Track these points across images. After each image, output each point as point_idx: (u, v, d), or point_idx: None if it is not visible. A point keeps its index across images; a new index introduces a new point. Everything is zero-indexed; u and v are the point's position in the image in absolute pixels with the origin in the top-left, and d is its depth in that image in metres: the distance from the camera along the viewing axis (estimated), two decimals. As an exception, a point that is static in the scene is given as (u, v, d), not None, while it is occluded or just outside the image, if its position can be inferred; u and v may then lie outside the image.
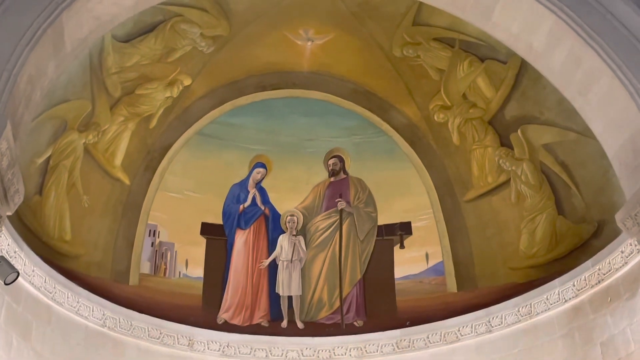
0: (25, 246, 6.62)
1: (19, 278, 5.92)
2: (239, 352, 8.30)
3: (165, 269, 8.59)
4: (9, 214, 5.53)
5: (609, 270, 7.26)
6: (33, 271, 6.78)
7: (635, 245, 6.64)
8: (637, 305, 6.88)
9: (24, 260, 6.55)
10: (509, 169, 8.48)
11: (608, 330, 7.24)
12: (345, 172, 9.29)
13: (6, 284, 5.49)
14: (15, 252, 6.30)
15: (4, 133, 4.91)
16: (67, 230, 7.63)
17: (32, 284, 6.75)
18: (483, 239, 8.74)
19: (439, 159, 9.06)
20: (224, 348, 8.28)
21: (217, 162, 9.18)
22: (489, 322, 8.19)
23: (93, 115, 7.93)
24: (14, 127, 5.25)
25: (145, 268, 8.38)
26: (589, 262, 7.52)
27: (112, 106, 8.14)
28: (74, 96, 7.51)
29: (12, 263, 5.53)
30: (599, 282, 7.39)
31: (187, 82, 8.63)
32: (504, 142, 8.52)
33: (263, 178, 9.19)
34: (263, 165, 9.18)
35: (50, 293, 7.02)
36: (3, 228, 5.82)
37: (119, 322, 7.72)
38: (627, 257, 6.94)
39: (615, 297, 7.22)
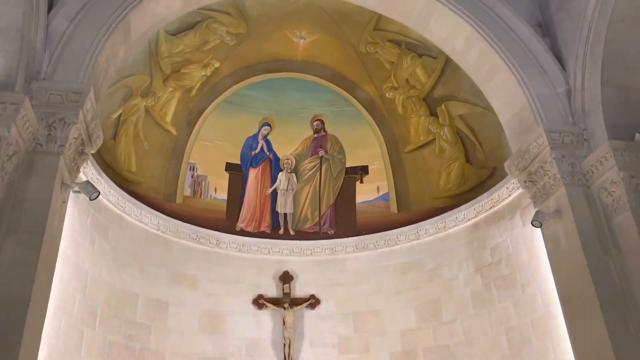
0: (104, 175, 7.01)
1: (100, 196, 6.49)
2: (250, 249, 8.71)
3: (201, 193, 8.91)
4: (92, 152, 6.05)
5: (498, 200, 7.78)
6: (109, 192, 7.20)
7: (516, 184, 7.22)
8: (515, 223, 7.44)
9: (103, 184, 6.94)
10: (435, 131, 8.88)
11: (495, 239, 7.80)
12: (324, 131, 9.61)
13: (91, 200, 5.94)
14: (97, 178, 6.74)
15: (88, 96, 5.37)
16: (133, 165, 7.97)
17: (109, 200, 7.17)
18: (415, 178, 9.15)
19: (388, 123, 9.40)
20: (240, 246, 8.68)
21: (236, 122, 9.41)
22: (417, 232, 8.65)
23: (151, 86, 8.14)
24: (95, 92, 5.71)
25: (187, 192, 8.71)
26: (485, 194, 8.01)
27: (164, 80, 8.33)
28: (137, 72, 7.77)
29: (95, 186, 5.89)
30: (491, 207, 7.90)
31: (217, 65, 8.81)
32: (432, 113, 8.87)
33: (268, 133, 9.48)
34: (268, 124, 9.48)
35: (122, 207, 7.44)
36: (89, 162, 6.35)
37: (169, 227, 8.13)
38: (510, 191, 7.54)
39: (501, 217, 7.75)
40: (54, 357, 5.65)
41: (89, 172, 6.59)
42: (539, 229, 6.60)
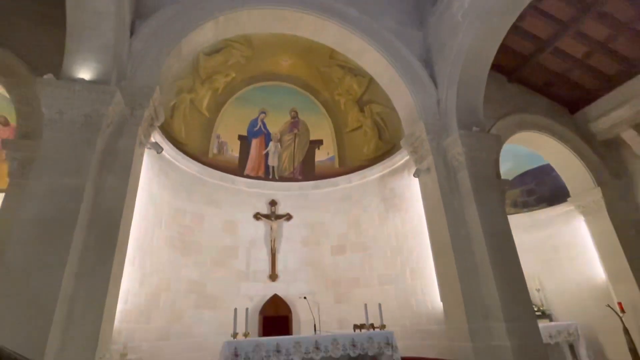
0: (165, 139, 6.90)
1: (163, 152, 6.53)
2: (252, 186, 8.77)
3: (223, 152, 8.81)
4: (158, 125, 5.87)
5: (395, 162, 8.03)
6: (169, 149, 7.08)
7: (406, 153, 7.36)
8: (404, 175, 7.64)
9: (165, 145, 6.83)
10: (362, 121, 8.97)
11: (393, 184, 8.05)
12: (298, 118, 9.54)
13: (157, 153, 6.03)
14: (161, 141, 6.57)
15: (155, 90, 5.34)
16: (183, 134, 7.79)
17: (169, 154, 7.08)
18: (350, 148, 9.23)
19: (336, 115, 9.41)
20: (246, 184, 8.72)
21: (245, 110, 9.17)
22: (349, 179, 8.86)
23: (193, 86, 7.89)
24: (160, 89, 5.60)
25: (215, 151, 8.62)
26: (388, 159, 8.22)
27: (201, 82, 8.06)
28: (185, 77, 7.48)
29: (160, 145, 6.01)
30: (392, 166, 8.14)
31: (233, 75, 8.57)
32: (361, 110, 8.91)
33: (264, 118, 9.40)
34: (264, 112, 9.37)
35: (176, 159, 7.36)
36: (156, 131, 6.34)
37: (204, 172, 8.10)
38: (403, 157, 7.79)
39: (397, 172, 7.96)
40: (139, 245, 5.80)
41: (157, 137, 6.51)
42: (417, 179, 6.94)
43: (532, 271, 8.12)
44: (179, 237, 7.17)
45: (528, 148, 8.30)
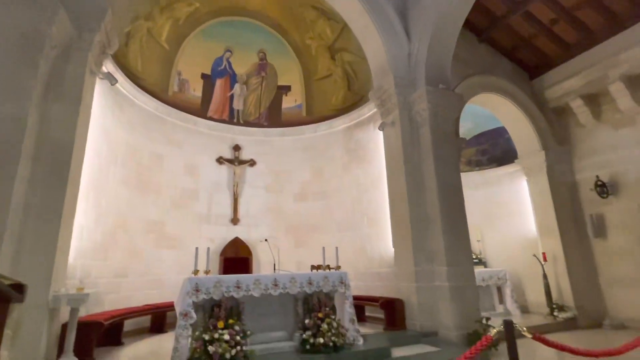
0: (119, 70, 6.36)
1: (117, 84, 6.03)
2: (215, 129, 8.48)
3: (184, 90, 8.27)
4: (111, 53, 5.36)
5: (362, 114, 8.03)
6: (123, 82, 6.55)
7: (373, 106, 7.33)
8: (370, 128, 7.72)
9: (120, 76, 6.31)
10: (332, 69, 8.69)
11: (358, 136, 8.09)
12: (266, 60, 9.06)
13: (112, 85, 5.56)
14: (114, 72, 6.09)
15: (107, 12, 4.86)
16: (139, 66, 7.18)
17: (123, 88, 6.59)
18: (318, 97, 9.01)
19: (305, 60, 9.03)
20: (209, 127, 8.41)
21: (209, 46, 8.53)
22: (315, 129, 8.83)
23: (151, 13, 7.20)
24: (113, 12, 5.05)
25: (175, 89, 8.07)
26: (355, 110, 8.21)
27: (161, 10, 7.39)
28: (143, 2, 6.85)
29: (114, 76, 5.57)
30: (358, 118, 8.16)
31: (197, 5, 7.89)
32: (332, 57, 8.63)
33: (230, 57, 8.81)
34: (230, 51, 8.77)
35: (132, 93, 6.89)
36: (108, 60, 5.76)
37: (163, 110, 7.66)
38: (370, 110, 7.79)
39: (363, 124, 8.00)
40: (93, 182, 5.52)
41: (110, 67, 5.97)
42: (381, 132, 7.05)
43: (475, 224, 8.83)
44: (136, 176, 6.90)
45: (487, 110, 8.61)
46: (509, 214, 9.00)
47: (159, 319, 6.37)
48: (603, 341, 5.80)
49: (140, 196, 6.92)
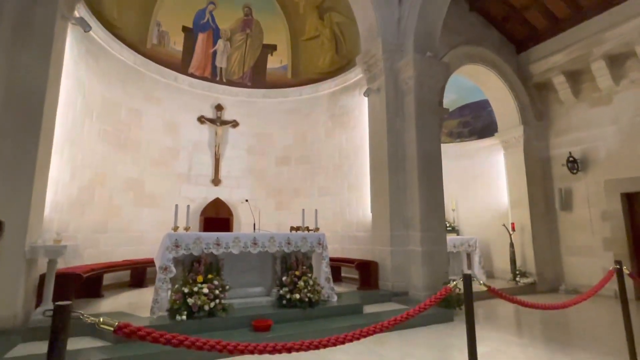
0: (94, 17, 5.97)
1: (91, 32, 5.67)
2: (197, 87, 8.17)
3: (164, 44, 7.86)
4: None
5: (348, 79, 7.91)
6: (98, 30, 6.16)
7: (360, 71, 7.27)
8: (355, 94, 7.64)
9: (94, 24, 5.91)
10: (320, 30, 8.44)
11: (343, 101, 8.02)
12: (252, 16, 8.67)
13: (85, 32, 5.21)
14: (88, 19, 5.69)
15: None
16: (115, 14, 6.71)
17: (98, 36, 6.21)
18: (305, 58, 8.77)
19: (293, 19, 8.70)
20: (190, 83, 8.11)
21: None
22: (300, 92, 8.66)
23: None
24: None
25: (155, 41, 7.64)
26: (341, 75, 8.07)
27: None
28: None
29: (89, 23, 5.20)
30: (344, 83, 8.03)
31: None
32: (321, 17, 8.37)
33: (213, 10, 8.38)
34: (214, 3, 8.34)
35: (107, 43, 6.48)
36: (82, 5, 5.45)
37: (141, 64, 7.31)
38: (356, 75, 7.68)
39: (348, 89, 7.90)
40: (67, 138, 5.34)
41: (83, 13, 5.58)
42: (366, 98, 7.04)
43: (452, 194, 9.20)
44: (114, 132, 6.70)
45: (472, 81, 8.65)
46: (484, 185, 9.33)
47: (138, 274, 6.48)
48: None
49: (119, 153, 6.77)
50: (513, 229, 8.08)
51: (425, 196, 5.97)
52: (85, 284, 5.22)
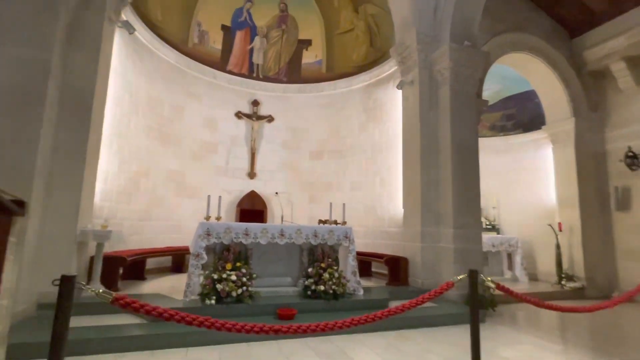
0: (139, 19, 6.36)
1: (136, 33, 6.04)
2: (235, 83, 8.47)
3: (205, 42, 8.19)
4: (130, 0, 5.39)
5: (383, 72, 7.80)
6: (143, 31, 6.58)
7: (394, 63, 7.13)
8: (389, 86, 7.55)
9: (139, 26, 6.34)
10: (355, 23, 8.37)
11: (377, 94, 7.92)
12: (287, 12, 8.79)
13: (130, 34, 5.62)
14: (134, 21, 6.10)
15: None
16: (159, 16, 7.11)
17: (144, 37, 6.61)
18: (339, 52, 8.74)
19: (328, 13, 8.70)
20: (228, 80, 8.38)
21: None
22: (334, 86, 8.68)
23: None
24: None
25: (195, 41, 7.99)
26: (376, 67, 7.96)
27: None
28: None
29: (132, 25, 5.54)
30: (378, 76, 7.93)
31: None
32: (355, 10, 8.30)
33: (250, 7, 8.58)
34: (250, 1, 8.53)
35: (152, 44, 6.89)
36: (128, 9, 5.80)
37: (184, 61, 7.68)
38: (390, 67, 7.51)
39: (382, 82, 7.78)
40: (115, 132, 5.79)
41: (130, 17, 6.00)
42: (400, 91, 6.89)
43: (493, 190, 8.75)
44: (157, 127, 7.15)
45: (517, 71, 8.11)
46: (529, 182, 8.76)
47: (178, 260, 6.91)
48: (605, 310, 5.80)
49: (161, 146, 7.21)
50: (560, 229, 7.52)
51: (459, 192, 5.74)
52: (130, 267, 5.68)
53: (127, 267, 5.54)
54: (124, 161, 6.14)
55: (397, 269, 6.03)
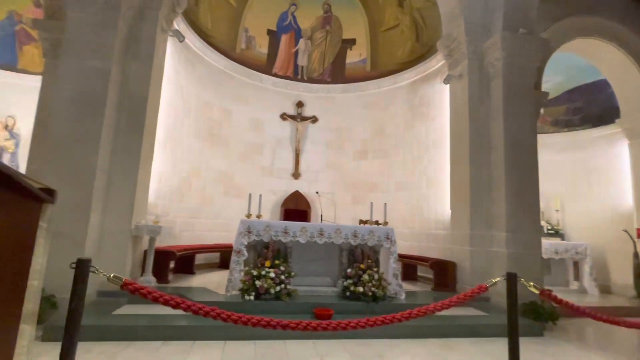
0: (190, 28, 6.71)
1: (188, 42, 6.38)
2: (280, 85, 8.66)
3: (251, 48, 8.48)
4: (180, 11, 5.62)
5: (429, 67, 7.50)
6: (195, 40, 6.95)
7: (441, 58, 6.78)
8: (436, 82, 7.23)
9: (191, 35, 6.72)
10: (400, 18, 8.12)
11: (423, 91, 7.62)
12: (331, 12, 8.77)
13: (180, 42, 5.93)
14: (185, 30, 6.45)
15: None
16: (209, 25, 7.46)
17: (194, 45, 6.99)
18: (384, 50, 8.56)
19: (372, 10, 8.55)
20: (274, 83, 8.59)
21: (274, 1, 8.57)
22: (379, 85, 8.52)
23: None
24: None
25: (243, 46, 8.29)
26: (422, 63, 7.67)
27: None
28: None
29: (182, 34, 5.85)
30: (425, 71, 7.65)
31: None
32: (400, 5, 8.07)
33: (295, 11, 8.71)
34: (295, 4, 8.67)
35: (202, 51, 7.25)
36: (179, 18, 6.14)
37: (232, 67, 8.00)
38: (438, 62, 7.18)
39: (429, 78, 7.47)
40: (169, 136, 6.18)
41: (182, 26, 6.40)
42: (447, 86, 6.54)
43: (556, 192, 7.98)
44: (207, 129, 7.52)
45: (585, 59, 7.28)
46: (600, 182, 7.80)
47: (226, 257, 7.17)
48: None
49: (211, 149, 7.58)
50: (639, 236, 6.58)
51: (514, 192, 5.27)
52: (181, 262, 6.02)
53: (178, 261, 5.88)
54: (177, 162, 6.54)
55: (443, 273, 5.70)
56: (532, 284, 1.97)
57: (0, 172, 0.99)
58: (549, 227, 7.87)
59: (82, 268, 1.19)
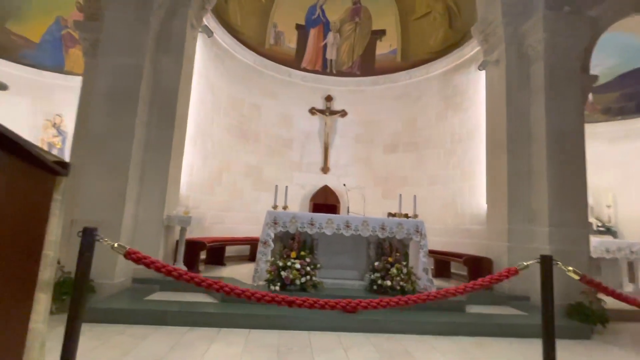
0: (220, 26, 6.84)
1: (218, 39, 6.49)
2: (309, 80, 8.67)
3: (280, 43, 8.54)
4: (210, 8, 5.70)
5: (463, 55, 7.21)
6: (224, 36, 7.07)
7: (476, 44, 6.47)
8: (471, 70, 6.94)
9: (220, 31, 6.85)
10: (432, 5, 7.87)
11: (457, 80, 7.36)
12: (360, 3, 8.64)
13: (209, 37, 6.08)
14: (214, 27, 6.58)
15: None
16: (239, 20, 7.58)
17: (224, 41, 7.11)
18: (415, 39, 8.32)
19: (403, 0, 8.34)
20: (302, 77, 8.62)
21: None
22: (410, 76, 8.28)
23: None
24: None
25: (272, 42, 8.37)
26: (455, 51, 7.41)
27: None
28: None
29: (210, 29, 5.96)
30: (459, 59, 7.37)
31: None
32: (432, -9, 7.80)
33: (323, 3, 8.63)
34: (324, -3, 8.49)
35: (232, 47, 7.39)
36: (209, 15, 6.26)
37: (262, 62, 8.10)
38: (472, 49, 6.91)
39: (463, 66, 7.21)
40: (199, 128, 6.36)
41: (212, 22, 6.53)
42: (483, 73, 6.20)
43: (607, 186, 7.34)
44: (237, 125, 7.66)
45: (641, 39, 6.62)
46: (659, 175, 7.08)
47: (255, 250, 7.25)
48: None
49: (240, 143, 7.71)
50: None
51: (558, 185, 4.88)
52: (212, 253, 6.17)
53: (209, 253, 6.04)
54: (208, 156, 6.71)
55: (478, 270, 5.40)
56: (571, 268, 1.78)
57: (12, 142, 1.01)
58: (599, 224, 7.26)
59: (88, 236, 1.22)
